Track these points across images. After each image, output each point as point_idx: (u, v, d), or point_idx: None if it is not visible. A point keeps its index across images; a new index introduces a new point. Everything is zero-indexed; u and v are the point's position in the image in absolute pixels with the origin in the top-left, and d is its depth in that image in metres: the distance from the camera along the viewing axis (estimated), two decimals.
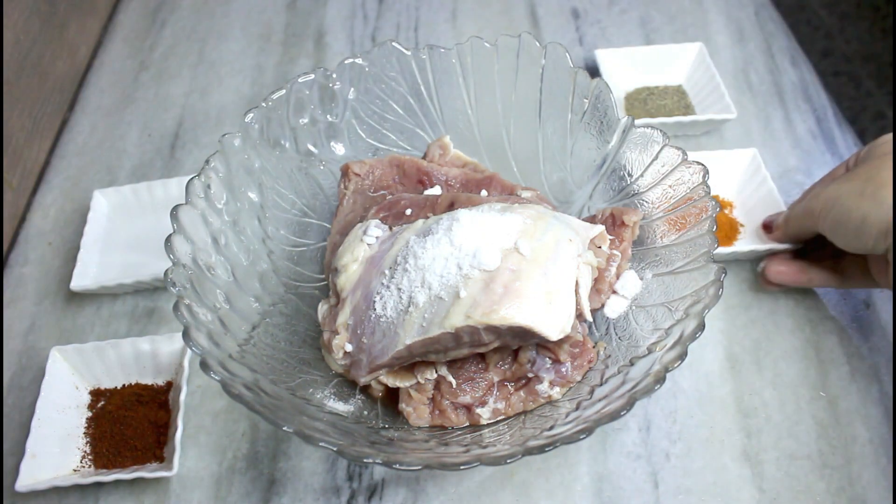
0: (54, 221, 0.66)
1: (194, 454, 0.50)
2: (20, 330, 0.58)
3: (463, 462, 0.34)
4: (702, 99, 0.70)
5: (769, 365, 0.53)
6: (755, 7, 0.83)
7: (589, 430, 0.34)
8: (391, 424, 0.44)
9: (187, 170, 0.69)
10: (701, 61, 0.71)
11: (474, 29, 0.82)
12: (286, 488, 0.48)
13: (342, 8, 0.86)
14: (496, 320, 0.37)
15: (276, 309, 0.47)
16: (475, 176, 0.51)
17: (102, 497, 0.48)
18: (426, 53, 0.54)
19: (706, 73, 0.70)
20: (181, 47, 0.83)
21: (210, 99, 0.76)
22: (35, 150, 0.69)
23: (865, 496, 0.47)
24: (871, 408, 0.51)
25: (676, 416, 0.51)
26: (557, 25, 0.82)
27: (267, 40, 0.83)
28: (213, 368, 0.36)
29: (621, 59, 0.73)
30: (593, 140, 0.51)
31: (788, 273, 0.54)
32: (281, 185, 0.51)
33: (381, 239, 0.46)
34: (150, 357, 0.52)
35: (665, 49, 0.73)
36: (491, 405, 0.43)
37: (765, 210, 0.59)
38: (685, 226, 0.45)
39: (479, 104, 0.55)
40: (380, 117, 0.56)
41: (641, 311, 0.45)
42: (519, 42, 0.52)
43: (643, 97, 0.72)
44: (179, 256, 0.40)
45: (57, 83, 0.74)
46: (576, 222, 0.43)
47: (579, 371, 0.43)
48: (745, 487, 0.47)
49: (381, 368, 0.42)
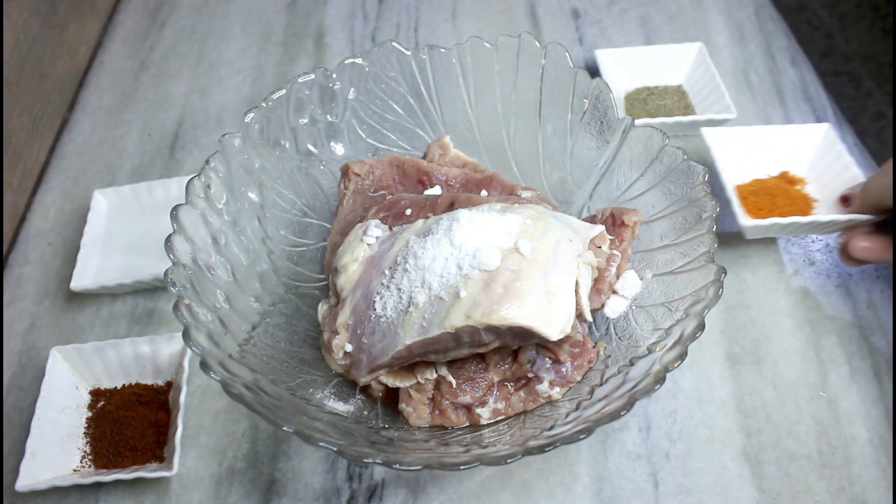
0: (54, 221, 0.66)
1: (194, 454, 0.50)
2: (20, 330, 0.58)
3: (463, 462, 0.34)
4: (702, 99, 0.70)
5: (769, 365, 0.53)
6: (755, 7, 0.83)
7: (589, 430, 0.34)
8: (391, 424, 0.44)
9: (187, 170, 0.69)
10: (701, 61, 0.71)
11: (474, 29, 0.82)
12: (286, 488, 0.48)
13: (342, 8, 0.86)
14: (496, 320, 0.37)
15: (276, 309, 0.47)
16: (475, 176, 0.51)
17: (102, 497, 0.48)
18: (426, 53, 0.54)
19: (706, 73, 0.70)
20: (181, 47, 0.83)
21: (210, 99, 0.76)
22: (35, 150, 0.69)
23: (865, 496, 0.47)
24: (871, 408, 0.51)
25: (676, 416, 0.51)
26: (557, 25, 0.82)
27: (267, 40, 0.83)
28: (213, 368, 0.36)
29: (621, 59, 0.73)
30: (593, 140, 0.51)
31: (874, 249, 0.52)
32: (281, 185, 0.51)
33: (381, 239, 0.46)
34: (150, 357, 0.52)
35: (665, 49, 0.73)
36: (491, 405, 0.43)
37: (842, 185, 0.58)
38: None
39: (479, 104, 0.55)
40: (380, 117, 0.56)
41: (641, 311, 0.45)
42: (519, 42, 0.52)
43: (643, 97, 0.71)
44: (179, 256, 0.40)
45: (57, 83, 0.74)
46: (576, 222, 0.43)
47: (579, 371, 0.43)
48: (745, 487, 0.47)
49: (381, 369, 0.42)
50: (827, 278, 0.58)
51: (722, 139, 0.61)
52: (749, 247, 0.60)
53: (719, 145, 0.60)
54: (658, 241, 0.46)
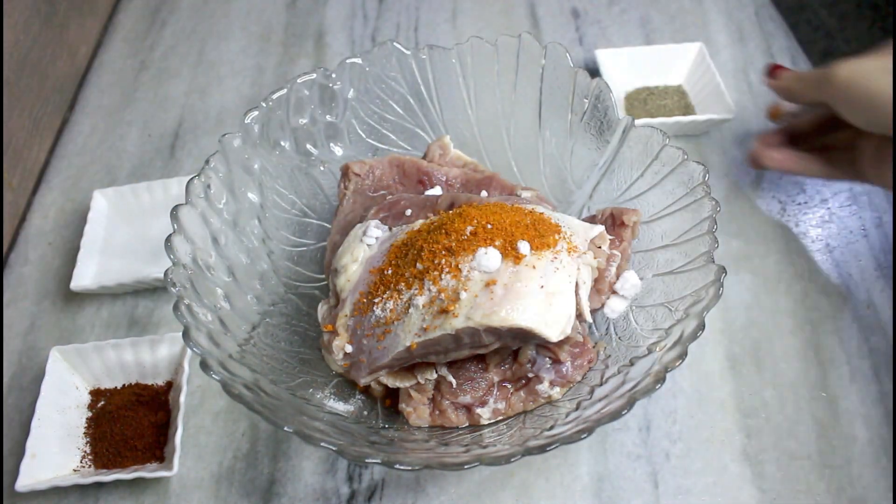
0: (54, 221, 0.66)
1: (194, 454, 0.50)
2: (20, 330, 0.58)
3: (463, 462, 0.34)
4: (702, 99, 0.70)
5: (769, 365, 0.53)
6: (755, 7, 0.83)
7: (589, 430, 0.34)
8: (391, 424, 0.44)
9: (187, 170, 0.69)
10: (701, 61, 0.71)
11: (474, 29, 0.82)
12: (286, 488, 0.48)
13: (342, 8, 0.86)
14: (496, 322, 0.37)
15: (276, 309, 0.47)
16: (475, 176, 0.51)
17: (102, 497, 0.48)
18: (426, 53, 0.54)
19: (706, 72, 0.70)
20: (181, 47, 0.83)
21: (210, 99, 0.76)
22: (35, 150, 0.69)
23: (865, 496, 0.47)
24: (871, 408, 0.51)
25: (676, 416, 0.51)
26: (557, 25, 0.82)
27: (267, 40, 0.83)
28: (213, 368, 0.36)
29: (621, 59, 0.73)
30: (593, 140, 0.51)
31: (783, 160, 0.54)
32: (281, 186, 0.51)
33: (381, 239, 0.46)
34: (151, 357, 0.52)
35: (665, 49, 0.73)
36: (491, 405, 0.43)
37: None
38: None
39: (479, 104, 0.55)
40: (380, 117, 0.56)
41: (641, 311, 0.45)
42: (519, 42, 0.52)
43: (643, 97, 0.72)
44: (179, 256, 0.40)
45: (57, 83, 0.74)
46: (576, 222, 0.43)
47: (579, 371, 0.43)
48: (745, 487, 0.47)
49: (382, 370, 0.42)
50: (827, 278, 0.58)
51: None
52: (749, 246, 0.60)
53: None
54: (658, 241, 0.46)
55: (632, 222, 0.46)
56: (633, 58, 0.73)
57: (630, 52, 0.73)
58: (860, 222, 0.62)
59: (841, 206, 0.63)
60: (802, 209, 0.63)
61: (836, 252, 0.60)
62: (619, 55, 0.73)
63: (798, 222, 0.62)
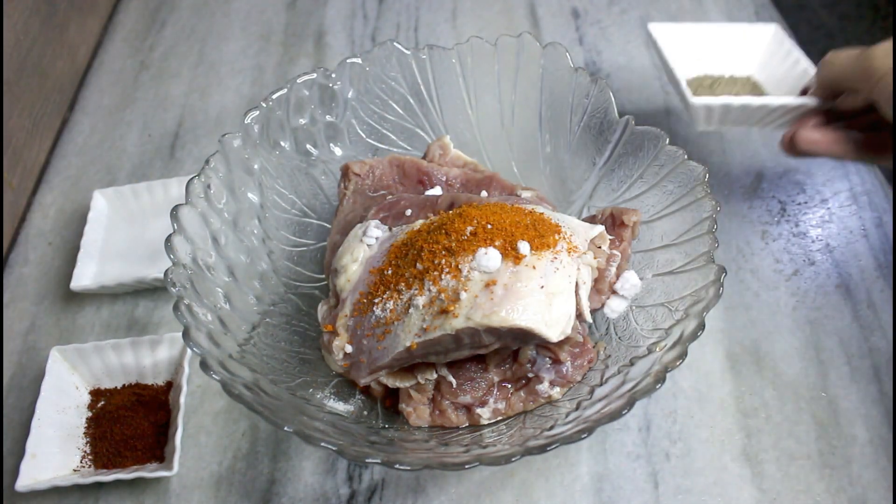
0: (54, 221, 0.66)
1: (194, 454, 0.50)
2: (20, 330, 0.58)
3: (463, 462, 0.34)
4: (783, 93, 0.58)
5: (769, 365, 0.53)
6: (755, 7, 0.83)
7: (589, 430, 0.34)
8: (391, 424, 0.44)
9: (187, 170, 0.69)
10: (778, 48, 0.59)
11: (474, 29, 0.82)
12: (286, 488, 0.48)
13: (342, 8, 0.86)
14: (496, 322, 0.37)
15: (276, 309, 0.47)
16: (475, 176, 0.51)
17: (102, 497, 0.48)
18: (426, 53, 0.54)
19: (787, 58, 0.58)
20: (181, 47, 0.83)
21: (210, 99, 0.76)
22: (35, 150, 0.69)
23: (865, 496, 0.47)
24: (871, 408, 0.51)
25: (676, 416, 0.51)
26: (557, 25, 0.82)
27: (267, 40, 0.83)
28: (213, 368, 0.36)
29: (681, 36, 0.60)
30: (593, 140, 0.51)
31: (822, 142, 0.48)
32: (281, 186, 0.51)
33: (381, 239, 0.46)
34: (150, 357, 0.52)
35: (731, 29, 0.62)
36: (491, 405, 0.43)
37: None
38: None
39: (479, 104, 0.55)
40: (380, 117, 0.56)
41: (641, 311, 0.45)
42: (519, 42, 0.52)
43: (708, 84, 0.61)
44: (179, 256, 0.40)
45: (57, 83, 0.74)
46: (576, 222, 0.43)
47: (579, 371, 0.43)
48: (745, 487, 0.47)
49: (382, 370, 0.42)
50: (827, 278, 0.58)
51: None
52: (749, 246, 0.60)
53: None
54: (658, 241, 0.46)
55: (632, 222, 0.46)
56: (693, 37, 0.61)
57: (689, 30, 0.61)
58: (860, 222, 0.62)
59: (841, 206, 0.63)
60: (802, 209, 0.63)
61: (836, 252, 0.60)
62: (678, 31, 0.61)
63: (798, 222, 0.62)
